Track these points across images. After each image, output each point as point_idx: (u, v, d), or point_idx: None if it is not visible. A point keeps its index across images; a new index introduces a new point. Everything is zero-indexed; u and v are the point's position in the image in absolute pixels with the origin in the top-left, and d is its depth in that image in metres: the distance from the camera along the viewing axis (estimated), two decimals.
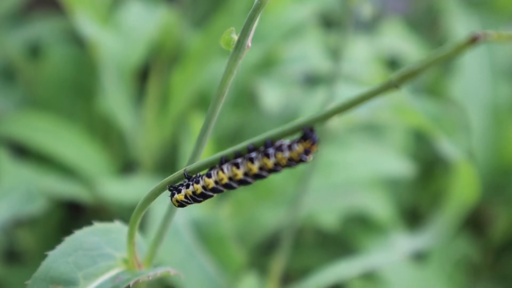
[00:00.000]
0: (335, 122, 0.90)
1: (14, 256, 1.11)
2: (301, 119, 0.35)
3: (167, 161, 1.15)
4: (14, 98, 1.18)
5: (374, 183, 1.14)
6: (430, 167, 1.28)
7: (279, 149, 0.37)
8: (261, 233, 1.05)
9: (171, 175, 0.43)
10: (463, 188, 1.03)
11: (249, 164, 0.38)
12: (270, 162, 0.37)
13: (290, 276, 1.09)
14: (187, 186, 0.41)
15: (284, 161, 0.37)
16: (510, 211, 1.27)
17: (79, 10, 1.08)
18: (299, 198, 0.92)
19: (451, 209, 1.09)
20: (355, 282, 1.07)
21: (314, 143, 0.36)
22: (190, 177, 0.41)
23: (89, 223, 0.52)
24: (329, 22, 1.35)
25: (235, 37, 0.43)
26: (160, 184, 0.43)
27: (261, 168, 0.38)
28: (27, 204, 0.98)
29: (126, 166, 1.18)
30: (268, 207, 1.05)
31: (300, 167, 1.00)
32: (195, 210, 0.93)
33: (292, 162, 0.37)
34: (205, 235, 0.90)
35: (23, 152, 1.14)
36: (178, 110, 1.13)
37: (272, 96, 1.08)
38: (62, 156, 1.08)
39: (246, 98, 1.16)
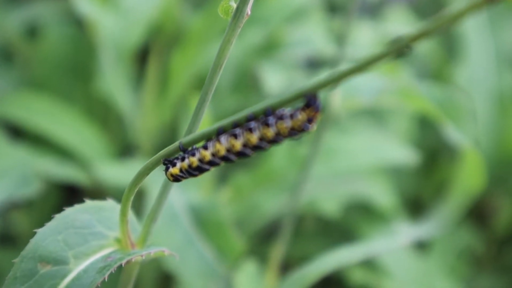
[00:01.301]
0: (338, 107, 0.88)
1: (9, 239, 1.10)
2: (304, 85, 0.33)
3: (166, 145, 1.13)
4: (12, 79, 1.16)
5: (377, 171, 1.12)
6: (434, 156, 1.26)
7: (281, 118, 0.35)
8: (261, 219, 1.03)
9: (166, 148, 0.40)
10: (469, 177, 1.01)
11: (248, 134, 0.36)
12: (270, 132, 0.35)
13: (290, 264, 1.08)
14: (182, 159, 0.39)
15: (285, 131, 0.35)
16: None
17: None
18: (300, 184, 0.91)
19: (455, 198, 1.07)
20: (356, 271, 1.06)
21: (317, 110, 0.34)
22: (186, 149, 0.39)
23: None
24: (333, 6, 1.33)
25: (234, 5, 0.41)
26: (154, 158, 0.41)
27: (261, 139, 0.35)
28: (23, 187, 0.96)
29: (125, 149, 1.16)
30: (269, 194, 1.03)
31: (302, 152, 0.98)
32: (194, 194, 0.91)
33: (294, 131, 0.34)
34: (203, 221, 0.88)
35: (19, 133, 1.12)
36: (178, 93, 1.11)
37: (274, 79, 1.06)
38: (60, 138, 1.07)
39: (247, 81, 1.14)
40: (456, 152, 1.04)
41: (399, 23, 1.27)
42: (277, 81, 1.06)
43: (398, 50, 0.29)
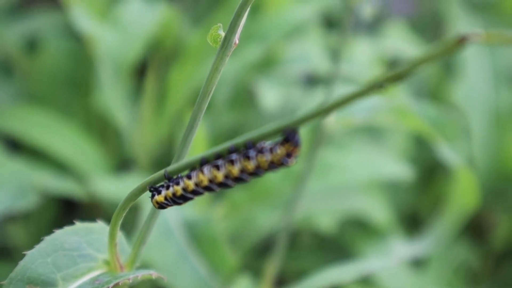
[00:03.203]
0: (333, 124, 0.89)
1: (6, 252, 1.10)
2: (284, 120, 0.34)
3: (163, 159, 1.14)
4: (11, 92, 1.17)
5: (373, 187, 1.13)
6: (431, 172, 1.27)
7: (261, 151, 0.35)
8: (256, 235, 1.03)
9: (152, 176, 0.41)
10: (463, 195, 1.02)
11: (230, 166, 0.36)
12: (251, 165, 0.36)
13: (286, 279, 1.08)
14: (167, 187, 0.40)
15: (265, 164, 0.35)
16: (510, 217, 1.25)
17: (75, 4, 1.06)
18: (295, 200, 0.91)
19: (450, 215, 1.08)
20: (352, 287, 1.06)
21: (296, 146, 0.34)
22: (171, 178, 0.40)
23: (82, 219, 0.50)
24: (331, 23, 1.34)
25: (222, 34, 0.42)
26: (141, 185, 0.42)
27: (242, 171, 0.36)
28: (19, 199, 0.97)
29: (122, 164, 1.17)
30: (264, 209, 1.03)
31: (297, 168, 0.99)
32: (188, 210, 0.92)
33: (274, 165, 0.35)
34: (198, 236, 0.88)
35: (18, 146, 1.13)
36: (176, 108, 1.11)
37: (271, 95, 1.07)
38: (57, 152, 1.07)
39: (245, 98, 1.15)
40: (451, 169, 1.05)
41: (397, 39, 1.27)
42: (274, 98, 1.07)
43: (373, 89, 0.30)
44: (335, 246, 1.15)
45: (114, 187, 1.00)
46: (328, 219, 1.05)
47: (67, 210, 1.16)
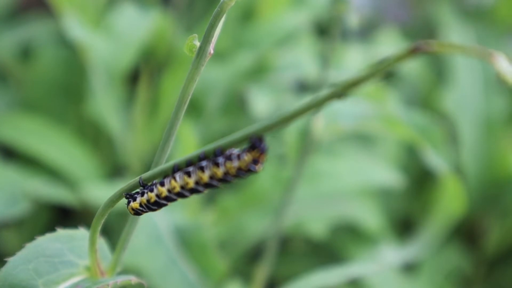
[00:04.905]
0: (321, 131, 0.90)
1: None
2: (250, 127, 0.35)
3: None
4: (4, 99, 1.18)
5: (364, 193, 1.13)
6: (422, 178, 1.28)
7: (229, 158, 0.36)
8: (246, 241, 1.04)
9: (127, 183, 0.42)
10: (450, 201, 1.03)
11: (200, 173, 0.37)
12: (219, 171, 0.37)
13: (277, 284, 1.09)
14: (142, 194, 0.41)
15: (233, 171, 0.36)
16: (503, 223, 1.26)
17: (68, 12, 1.07)
18: (285, 206, 0.92)
19: (438, 220, 1.09)
20: None
21: (262, 152, 0.35)
22: (146, 185, 0.41)
23: (75, 226, 0.51)
24: (323, 30, 1.34)
25: (198, 44, 0.43)
26: (117, 192, 0.43)
27: (211, 177, 0.37)
28: (12, 206, 0.98)
29: (115, 170, 1.18)
30: (254, 215, 1.04)
31: (287, 174, 1.00)
32: (178, 215, 0.93)
33: (241, 171, 0.36)
34: (187, 242, 0.89)
35: (10, 153, 1.14)
36: (168, 115, 1.12)
37: (262, 102, 1.08)
38: (50, 159, 1.08)
39: (236, 104, 1.16)
40: (439, 176, 1.06)
41: (389, 46, 1.28)
42: (266, 104, 1.08)
43: (332, 97, 0.31)
44: (327, 251, 1.16)
45: (106, 194, 1.00)
46: (319, 225, 1.06)
47: (61, 217, 1.16)
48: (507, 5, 1.40)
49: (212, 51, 0.43)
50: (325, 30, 1.34)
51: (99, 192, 1.01)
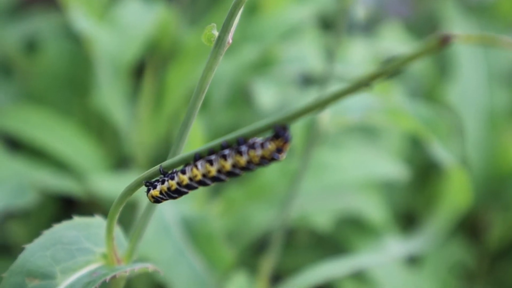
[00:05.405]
0: (327, 123, 0.90)
1: (5, 249, 1.11)
2: (274, 116, 0.35)
3: (161, 158, 1.15)
4: (10, 92, 1.18)
5: (368, 186, 1.14)
6: (426, 171, 1.28)
7: (252, 146, 0.37)
8: (252, 232, 1.05)
9: (147, 171, 0.42)
10: (456, 194, 1.03)
11: (222, 161, 0.38)
12: (243, 160, 0.37)
13: (282, 276, 1.09)
14: (163, 182, 0.41)
15: (256, 159, 0.37)
16: (506, 217, 1.26)
17: (73, 5, 1.08)
18: (290, 198, 0.92)
19: (443, 214, 1.09)
20: (348, 284, 1.07)
21: (286, 141, 0.36)
22: (166, 173, 0.41)
23: (81, 217, 0.52)
24: (327, 24, 1.35)
25: (216, 33, 0.43)
26: (137, 180, 0.43)
27: (234, 166, 0.37)
28: (18, 197, 0.98)
29: (120, 162, 1.18)
30: (260, 207, 1.05)
31: (292, 167, 1.00)
32: (186, 207, 0.93)
33: (265, 160, 0.37)
34: (195, 233, 0.90)
35: (17, 145, 1.14)
36: (173, 107, 1.13)
37: (267, 95, 1.08)
38: (56, 151, 1.09)
39: (241, 97, 1.16)
40: (444, 168, 1.06)
41: (392, 41, 1.29)
42: (270, 98, 1.08)
43: (359, 88, 0.31)
44: (331, 244, 1.17)
45: (112, 185, 1.01)
46: (324, 217, 1.07)
47: (66, 208, 1.17)
48: (510, 0, 1.40)
49: (230, 41, 0.44)
50: (329, 24, 1.34)
51: (106, 183, 1.02)
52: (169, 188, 0.41)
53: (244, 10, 1.22)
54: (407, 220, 1.26)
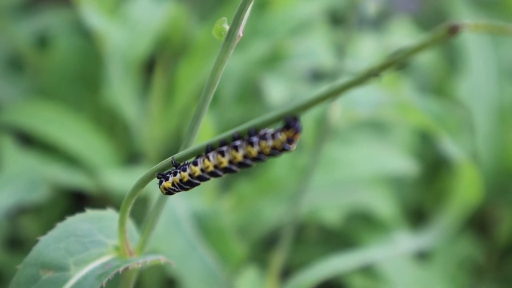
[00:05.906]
0: (338, 118, 0.90)
1: (17, 243, 1.12)
2: (284, 107, 0.36)
3: (171, 153, 1.15)
4: (22, 88, 1.19)
5: (378, 181, 1.14)
6: (436, 166, 1.28)
7: (263, 137, 0.37)
8: (262, 227, 1.05)
9: (159, 163, 0.43)
10: (466, 189, 1.03)
11: (234, 152, 0.38)
12: (254, 151, 0.37)
13: (291, 270, 1.10)
14: (175, 174, 0.42)
15: (267, 150, 0.37)
16: None
17: (84, 1, 1.08)
18: (300, 193, 0.93)
19: (453, 209, 1.09)
20: (357, 278, 1.08)
21: (297, 132, 0.36)
22: (178, 164, 0.42)
23: None
24: (337, 19, 1.35)
25: (227, 27, 0.44)
26: (149, 172, 0.44)
27: (245, 156, 0.38)
28: (30, 192, 0.99)
29: (131, 157, 1.19)
30: (270, 202, 1.05)
31: (302, 162, 1.00)
32: (196, 202, 0.94)
33: (276, 151, 0.37)
34: (206, 228, 0.90)
35: (29, 140, 1.15)
36: (184, 103, 1.13)
37: (277, 90, 1.09)
38: (68, 146, 1.09)
39: (251, 92, 1.17)
40: (455, 164, 1.06)
41: (401, 36, 1.29)
42: (280, 93, 1.09)
43: (368, 78, 0.32)
44: (341, 239, 1.17)
45: (123, 180, 1.02)
46: (333, 212, 1.07)
47: (77, 202, 1.18)
48: None
49: (241, 34, 0.44)
50: (339, 20, 1.34)
51: (117, 178, 1.02)
52: (181, 180, 0.41)
53: (254, 5, 1.22)
54: (417, 215, 1.26)
